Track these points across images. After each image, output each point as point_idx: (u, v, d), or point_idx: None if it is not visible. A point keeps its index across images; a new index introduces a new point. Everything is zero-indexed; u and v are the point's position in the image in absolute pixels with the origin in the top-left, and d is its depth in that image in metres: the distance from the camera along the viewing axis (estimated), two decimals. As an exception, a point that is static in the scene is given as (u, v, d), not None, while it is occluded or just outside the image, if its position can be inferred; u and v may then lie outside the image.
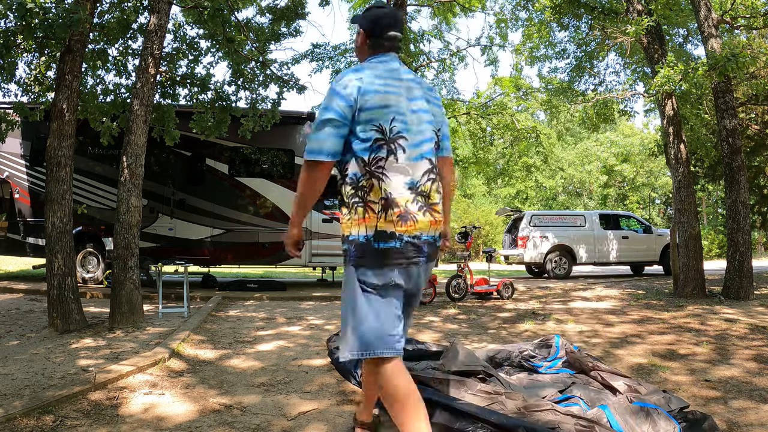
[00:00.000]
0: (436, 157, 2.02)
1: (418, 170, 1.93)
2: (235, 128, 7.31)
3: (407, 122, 1.93)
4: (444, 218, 2.04)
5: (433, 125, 2.03)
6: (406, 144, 1.91)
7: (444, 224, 2.05)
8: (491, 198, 34.05)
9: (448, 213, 2.12)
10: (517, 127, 6.81)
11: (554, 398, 2.64)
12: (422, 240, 1.92)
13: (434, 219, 1.95)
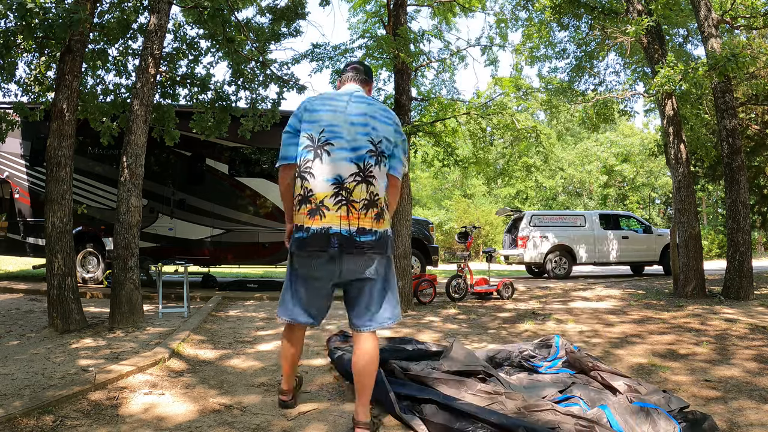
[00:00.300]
0: (372, 165, 2.32)
1: (344, 171, 2.27)
2: (235, 128, 7.31)
3: (339, 132, 2.29)
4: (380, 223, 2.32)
5: (370, 137, 2.32)
6: (333, 149, 2.27)
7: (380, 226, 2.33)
8: (491, 198, 34.04)
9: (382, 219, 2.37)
10: (517, 127, 6.79)
11: (554, 398, 2.64)
12: (331, 232, 2.24)
13: (348, 215, 2.25)
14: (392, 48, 6.36)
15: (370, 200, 2.29)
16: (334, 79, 7.09)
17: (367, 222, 2.29)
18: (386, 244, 2.35)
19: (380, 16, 7.62)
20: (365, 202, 2.27)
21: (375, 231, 2.30)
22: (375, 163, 2.31)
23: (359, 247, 2.26)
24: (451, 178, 33.63)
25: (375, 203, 2.30)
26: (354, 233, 2.26)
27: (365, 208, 2.28)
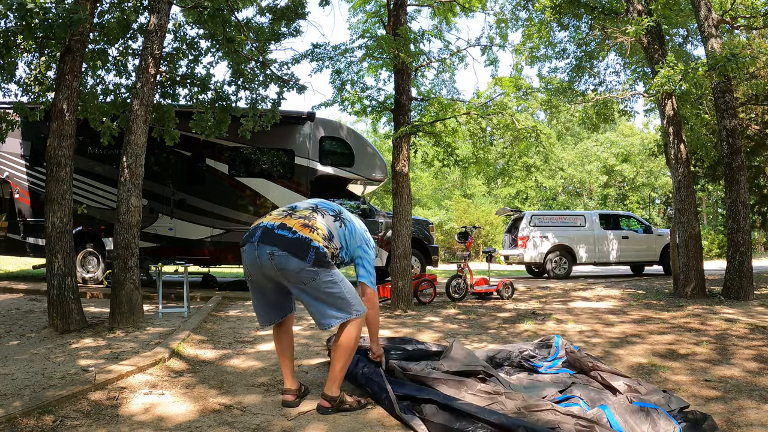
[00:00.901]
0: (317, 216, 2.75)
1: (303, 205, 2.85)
2: (235, 128, 7.31)
3: None
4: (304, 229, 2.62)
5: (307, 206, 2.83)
6: None
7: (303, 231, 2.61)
8: (491, 198, 34.03)
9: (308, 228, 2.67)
10: (517, 127, 6.79)
11: (554, 398, 2.64)
12: (259, 225, 2.65)
13: (279, 216, 2.69)
14: (392, 48, 6.36)
15: (306, 217, 2.69)
16: (333, 79, 7.08)
17: (291, 222, 2.63)
18: (305, 249, 2.54)
19: (380, 16, 7.62)
20: (302, 216, 2.69)
21: (294, 231, 2.59)
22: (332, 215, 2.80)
23: (271, 237, 2.57)
24: (451, 178, 33.63)
25: (308, 219, 2.68)
26: (275, 227, 2.61)
27: (298, 217, 2.67)
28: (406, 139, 6.68)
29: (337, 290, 2.63)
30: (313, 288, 2.61)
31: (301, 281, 2.59)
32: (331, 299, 2.63)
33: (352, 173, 9.33)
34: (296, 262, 2.54)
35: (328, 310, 2.64)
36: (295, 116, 9.04)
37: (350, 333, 2.65)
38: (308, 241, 2.57)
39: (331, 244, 2.68)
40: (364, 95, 7.17)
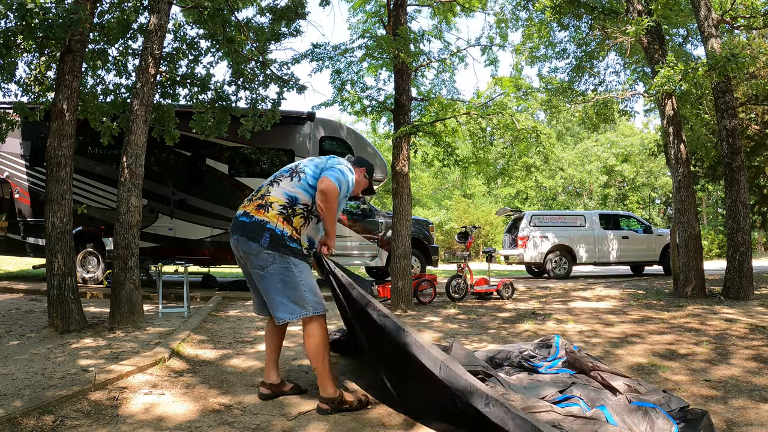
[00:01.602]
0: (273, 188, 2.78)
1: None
2: (235, 128, 7.31)
3: None
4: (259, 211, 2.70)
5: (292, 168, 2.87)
6: None
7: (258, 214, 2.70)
8: (491, 198, 34.04)
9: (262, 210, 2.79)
10: (517, 128, 6.79)
11: (554, 398, 2.63)
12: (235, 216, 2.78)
13: (245, 202, 2.80)
14: (392, 48, 6.35)
15: (263, 195, 2.74)
16: (333, 79, 7.08)
17: (249, 207, 2.73)
18: (259, 231, 2.61)
19: (380, 16, 7.62)
20: (260, 196, 2.75)
21: (251, 215, 2.68)
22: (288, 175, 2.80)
23: (236, 226, 2.72)
24: (451, 178, 33.63)
25: (264, 197, 2.73)
26: (239, 214, 2.75)
27: (256, 200, 2.75)
28: (406, 139, 6.69)
29: (291, 280, 2.61)
30: (270, 274, 2.62)
31: (260, 265, 2.63)
32: (286, 290, 2.62)
33: (352, 173, 9.32)
34: (254, 245, 2.62)
35: (282, 301, 2.63)
36: (295, 116, 9.04)
37: (313, 338, 2.65)
38: (264, 223, 2.62)
39: (296, 210, 2.68)
40: (364, 95, 7.17)
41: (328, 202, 2.65)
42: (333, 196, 2.65)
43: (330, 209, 2.67)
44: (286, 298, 2.63)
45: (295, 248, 2.66)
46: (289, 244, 2.64)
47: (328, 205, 2.65)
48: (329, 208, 2.67)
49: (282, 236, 2.62)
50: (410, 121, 6.90)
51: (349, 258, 9.33)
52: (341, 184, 2.69)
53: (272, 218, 2.64)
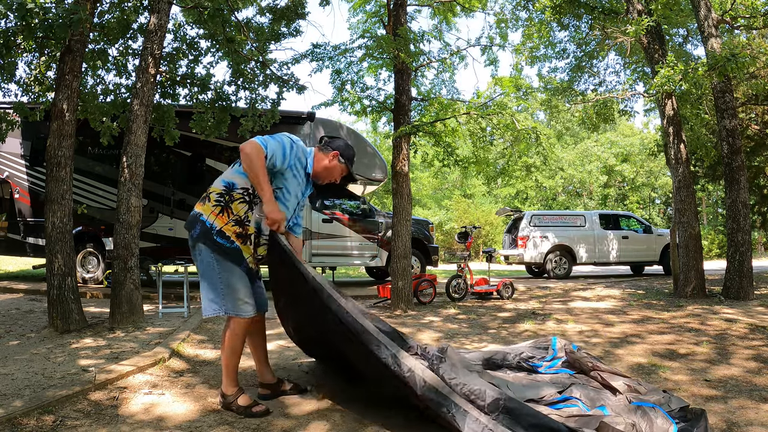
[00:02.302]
0: None
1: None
2: (235, 128, 7.30)
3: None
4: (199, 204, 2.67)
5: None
6: None
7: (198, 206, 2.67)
8: (491, 198, 34.05)
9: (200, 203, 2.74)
10: (517, 128, 6.79)
11: (553, 398, 2.63)
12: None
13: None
14: (392, 48, 6.35)
15: (207, 188, 2.69)
16: (333, 79, 7.08)
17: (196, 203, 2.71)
18: (193, 223, 2.59)
19: (380, 16, 7.62)
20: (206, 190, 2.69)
21: (194, 208, 2.66)
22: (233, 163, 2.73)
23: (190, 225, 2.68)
24: (451, 178, 33.64)
25: (206, 190, 2.68)
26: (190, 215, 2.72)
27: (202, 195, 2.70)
28: (406, 138, 6.69)
29: (211, 276, 2.57)
30: (199, 266, 2.63)
31: (194, 256, 2.63)
32: (207, 282, 2.60)
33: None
34: (190, 238, 2.62)
35: (207, 294, 2.63)
36: (295, 116, 9.04)
37: (230, 334, 2.62)
38: (197, 216, 2.60)
39: (234, 196, 2.58)
40: (364, 95, 7.17)
41: (250, 160, 2.46)
42: (254, 153, 2.46)
43: (252, 167, 2.47)
44: (205, 293, 2.63)
45: (221, 244, 2.55)
46: (216, 238, 2.55)
47: (250, 164, 2.46)
48: (251, 166, 2.47)
49: (210, 229, 2.55)
50: (410, 121, 6.90)
51: (349, 258, 9.33)
52: (268, 145, 2.51)
53: (206, 210, 2.58)
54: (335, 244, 9.10)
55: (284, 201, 2.66)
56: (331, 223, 9.07)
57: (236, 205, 2.58)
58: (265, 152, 2.49)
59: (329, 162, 2.75)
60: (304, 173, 2.71)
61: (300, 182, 2.71)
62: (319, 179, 2.79)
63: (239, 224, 2.59)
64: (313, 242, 8.96)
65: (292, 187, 2.68)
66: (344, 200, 9.41)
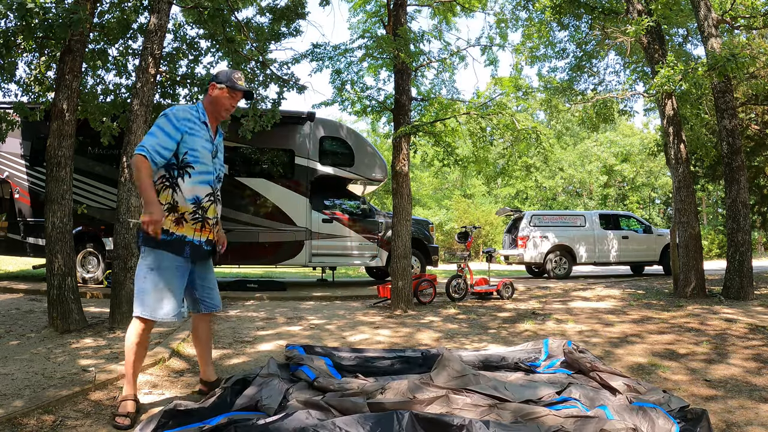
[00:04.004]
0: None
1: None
2: (235, 128, 7.30)
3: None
4: None
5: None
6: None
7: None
8: (491, 198, 34.06)
9: None
10: (517, 128, 6.79)
11: (551, 399, 2.62)
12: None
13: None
14: (392, 48, 6.36)
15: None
16: (333, 79, 7.09)
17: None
18: (138, 232, 2.63)
19: (380, 16, 7.62)
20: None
21: None
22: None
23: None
24: (451, 178, 33.65)
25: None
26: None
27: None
28: (406, 138, 6.69)
29: (138, 276, 2.59)
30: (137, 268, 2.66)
31: None
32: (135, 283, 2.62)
33: (352, 173, 9.34)
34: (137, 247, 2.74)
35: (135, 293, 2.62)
36: (295, 116, 9.04)
37: (128, 336, 2.58)
38: (139, 224, 2.60)
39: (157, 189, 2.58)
40: (364, 95, 7.17)
41: (133, 173, 2.52)
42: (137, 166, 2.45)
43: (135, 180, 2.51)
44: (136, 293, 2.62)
45: (163, 239, 2.55)
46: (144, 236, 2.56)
47: (134, 177, 2.50)
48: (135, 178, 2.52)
49: (140, 230, 2.58)
50: (410, 121, 6.90)
51: (349, 258, 9.34)
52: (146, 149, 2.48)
53: None
54: (335, 244, 9.11)
55: (198, 159, 2.64)
56: (331, 223, 9.07)
57: (162, 195, 2.59)
58: (149, 159, 2.47)
59: (211, 95, 2.74)
60: (200, 124, 2.69)
61: (202, 135, 2.68)
62: (218, 116, 2.77)
63: (172, 210, 2.60)
64: (313, 242, 8.96)
65: (198, 144, 2.64)
66: (344, 200, 9.42)
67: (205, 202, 2.68)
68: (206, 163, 2.68)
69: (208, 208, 2.69)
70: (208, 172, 2.69)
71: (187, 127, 2.61)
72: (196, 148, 2.63)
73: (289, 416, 2.20)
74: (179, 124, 2.59)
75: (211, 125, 2.77)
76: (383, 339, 4.56)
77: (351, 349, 3.71)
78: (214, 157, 2.75)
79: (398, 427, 2.05)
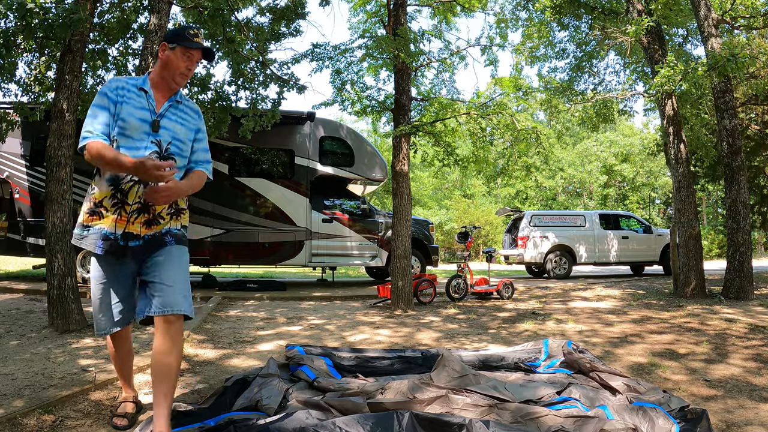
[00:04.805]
0: None
1: None
2: (235, 128, 7.30)
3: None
4: None
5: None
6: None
7: None
8: (491, 198, 34.07)
9: None
10: (517, 128, 6.80)
11: (551, 399, 2.62)
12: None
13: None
14: (392, 48, 6.36)
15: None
16: (334, 78, 7.09)
17: None
18: None
19: (380, 16, 7.62)
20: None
21: None
22: None
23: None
24: (451, 178, 33.66)
25: None
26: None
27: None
28: (406, 138, 6.69)
29: None
30: None
31: None
32: None
33: (352, 173, 9.34)
34: None
35: None
36: (295, 116, 9.04)
37: None
38: None
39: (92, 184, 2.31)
40: (364, 95, 7.18)
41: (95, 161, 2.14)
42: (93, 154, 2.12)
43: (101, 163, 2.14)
44: None
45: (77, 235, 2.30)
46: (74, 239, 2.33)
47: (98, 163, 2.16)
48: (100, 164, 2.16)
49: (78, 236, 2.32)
50: (410, 121, 6.90)
51: (349, 258, 9.34)
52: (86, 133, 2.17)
53: None
54: (335, 244, 9.11)
55: (125, 131, 2.21)
56: (331, 223, 9.07)
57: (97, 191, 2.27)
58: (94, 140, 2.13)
59: (161, 58, 2.32)
60: (137, 91, 2.28)
61: (135, 103, 2.25)
62: (171, 83, 2.33)
63: (87, 202, 2.29)
64: (313, 242, 8.96)
65: (126, 113, 2.21)
66: (344, 200, 9.42)
67: (125, 182, 2.21)
68: (132, 137, 2.21)
69: (128, 191, 2.21)
70: (136, 147, 2.20)
71: (118, 95, 2.24)
72: (124, 117, 2.21)
73: (289, 416, 2.20)
74: (112, 93, 2.23)
75: (162, 94, 2.33)
76: (383, 339, 4.56)
77: (351, 349, 3.71)
78: (155, 130, 2.26)
79: (398, 427, 2.06)
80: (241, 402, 2.51)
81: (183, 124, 2.36)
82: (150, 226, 2.28)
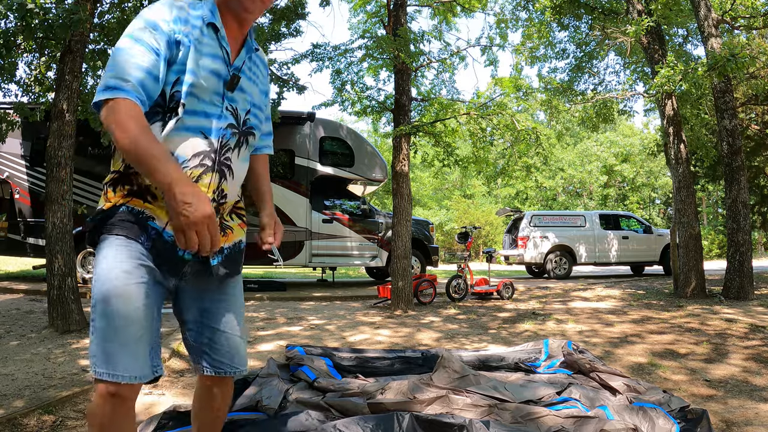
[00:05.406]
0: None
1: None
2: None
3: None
4: None
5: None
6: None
7: None
8: (491, 198, 34.07)
9: None
10: (517, 128, 6.80)
11: (552, 399, 2.62)
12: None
13: None
14: (392, 48, 6.36)
15: None
16: (334, 79, 7.09)
17: None
18: None
19: (380, 17, 7.63)
20: None
21: None
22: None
23: None
24: (451, 178, 33.66)
25: None
26: None
27: None
28: (406, 138, 6.69)
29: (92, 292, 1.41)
30: None
31: None
32: None
33: (352, 173, 9.34)
34: None
35: None
36: (295, 116, 9.04)
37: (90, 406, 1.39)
38: None
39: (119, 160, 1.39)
40: (364, 95, 7.18)
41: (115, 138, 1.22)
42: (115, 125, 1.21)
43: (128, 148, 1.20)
44: None
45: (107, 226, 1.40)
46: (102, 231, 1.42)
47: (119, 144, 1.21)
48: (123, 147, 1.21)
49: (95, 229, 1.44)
50: (410, 121, 6.91)
51: (349, 258, 9.34)
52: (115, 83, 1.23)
53: None
54: (335, 245, 9.11)
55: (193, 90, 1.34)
56: (331, 224, 9.07)
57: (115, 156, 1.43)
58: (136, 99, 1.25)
59: None
60: (207, 29, 1.38)
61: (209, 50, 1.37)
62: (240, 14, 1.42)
63: (123, 179, 1.39)
64: (313, 242, 8.96)
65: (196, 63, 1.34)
66: (344, 200, 9.42)
67: (194, 167, 1.37)
68: (205, 100, 1.37)
69: (197, 179, 1.38)
70: (207, 115, 1.38)
71: (179, 31, 1.33)
72: (194, 69, 1.34)
73: (290, 417, 2.20)
74: (168, 25, 1.32)
75: (231, 34, 1.44)
76: (383, 339, 4.56)
77: (351, 350, 3.71)
78: (231, 90, 1.42)
79: (399, 428, 2.06)
80: (241, 402, 2.51)
81: (257, 84, 1.56)
82: (225, 232, 1.54)
